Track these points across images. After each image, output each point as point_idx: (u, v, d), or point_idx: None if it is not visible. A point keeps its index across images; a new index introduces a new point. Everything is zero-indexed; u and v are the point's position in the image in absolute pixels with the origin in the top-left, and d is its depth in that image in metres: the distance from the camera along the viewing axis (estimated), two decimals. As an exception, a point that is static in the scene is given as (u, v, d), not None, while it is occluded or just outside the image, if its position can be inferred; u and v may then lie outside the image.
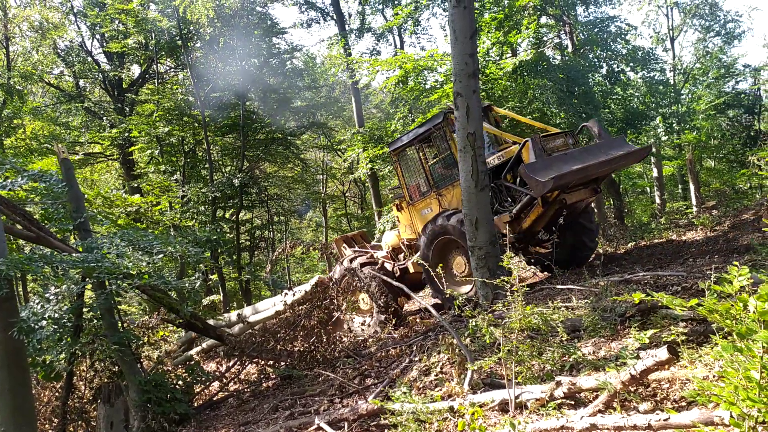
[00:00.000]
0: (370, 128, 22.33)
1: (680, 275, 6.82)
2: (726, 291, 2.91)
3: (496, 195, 9.92)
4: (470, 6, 8.42)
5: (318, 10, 25.40)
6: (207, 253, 14.77)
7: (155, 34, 20.55)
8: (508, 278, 4.78)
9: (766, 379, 2.35)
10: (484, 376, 5.39)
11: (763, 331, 2.19)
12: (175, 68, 24.61)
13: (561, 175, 8.42)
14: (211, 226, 18.11)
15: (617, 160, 9.44)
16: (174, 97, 20.56)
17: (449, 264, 10.31)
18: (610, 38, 18.73)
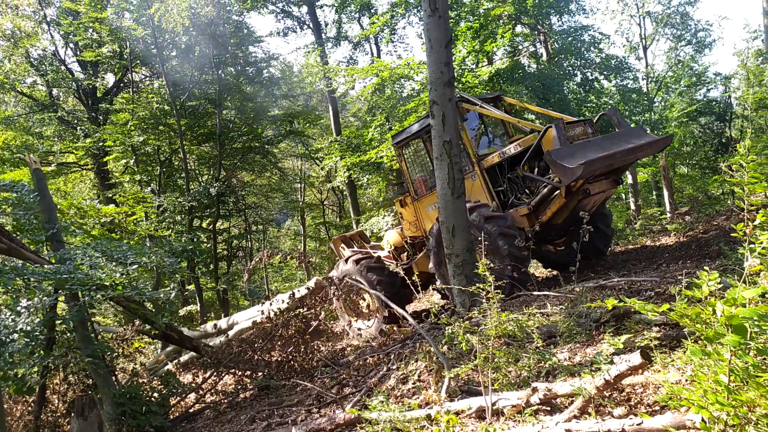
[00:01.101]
0: (348, 136, 22.37)
1: (654, 280, 6.90)
2: (696, 296, 2.95)
3: (511, 187, 9.68)
4: (445, 15, 8.47)
5: (294, 18, 25.42)
6: (184, 263, 14.63)
7: (130, 42, 20.39)
8: (484, 285, 4.79)
9: (735, 383, 2.38)
10: (462, 383, 5.39)
11: (731, 335, 2.22)
12: (150, 77, 24.44)
13: (591, 161, 8.08)
14: (187, 235, 17.95)
15: (641, 149, 9.10)
16: (149, 106, 20.40)
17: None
18: (584, 47, 19.02)
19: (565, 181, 8.24)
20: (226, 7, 21.44)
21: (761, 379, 2.24)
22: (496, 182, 9.93)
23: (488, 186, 9.84)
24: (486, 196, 9.81)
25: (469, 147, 9.97)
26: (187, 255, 13.64)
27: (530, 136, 9.34)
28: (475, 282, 5.28)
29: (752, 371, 2.26)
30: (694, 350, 2.43)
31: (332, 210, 36.63)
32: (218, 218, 21.42)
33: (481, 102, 10.30)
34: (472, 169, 9.98)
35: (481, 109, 10.14)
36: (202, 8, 19.17)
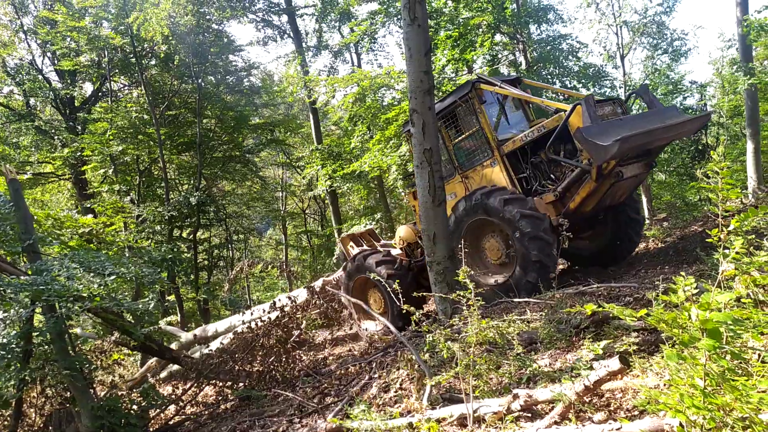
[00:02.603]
0: (329, 145, 22.37)
1: (632, 286, 6.95)
2: (673, 301, 2.98)
3: (535, 173, 9.11)
4: (424, 24, 8.52)
5: (275, 27, 25.40)
6: (164, 273, 14.49)
7: (108, 51, 20.22)
8: (464, 293, 4.80)
9: (711, 387, 2.41)
10: (443, 390, 5.39)
11: (706, 339, 2.24)
12: (129, 86, 24.24)
13: (627, 138, 7.37)
14: (167, 245, 17.79)
15: (678, 127, 8.38)
16: (128, 115, 20.25)
17: (481, 249, 9.30)
18: (563, 56, 19.23)
19: (599, 160, 7.60)
20: (206, 15, 21.36)
21: (736, 383, 2.27)
22: (517, 169, 9.36)
23: (509, 172, 9.27)
24: (507, 184, 9.22)
25: (488, 131, 9.43)
26: (166, 265, 13.53)
27: (556, 117, 8.70)
28: (456, 289, 5.27)
29: (727, 375, 2.29)
30: (670, 355, 2.46)
31: (314, 218, 36.56)
32: (199, 228, 21.29)
33: (501, 82, 9.73)
34: (491, 155, 9.44)
35: (501, 90, 9.52)
36: (181, 17, 19.10)
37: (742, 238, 3.27)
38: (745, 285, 3.22)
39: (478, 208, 8.81)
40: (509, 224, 8.39)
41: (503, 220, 8.44)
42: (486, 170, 9.40)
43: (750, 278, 3.19)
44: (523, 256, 8.22)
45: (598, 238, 10.25)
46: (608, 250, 9.91)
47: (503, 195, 8.50)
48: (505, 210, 8.37)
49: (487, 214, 8.73)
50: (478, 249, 9.25)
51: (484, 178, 9.46)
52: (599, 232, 10.19)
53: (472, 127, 9.66)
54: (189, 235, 21.64)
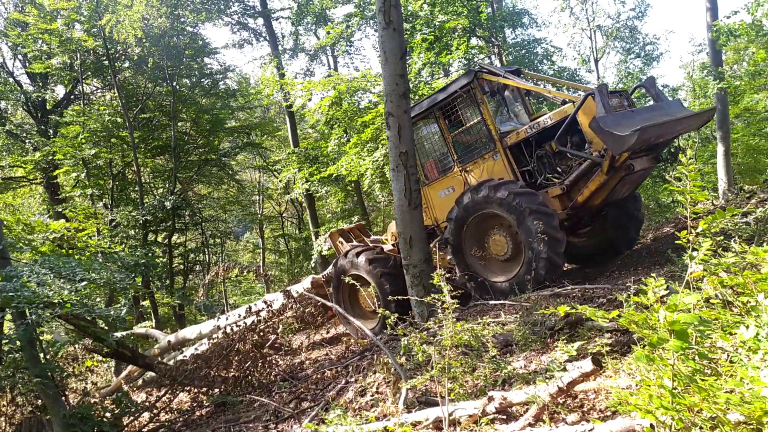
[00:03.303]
0: (306, 148, 22.30)
1: (606, 288, 7.02)
2: (644, 302, 3.01)
3: (540, 165, 8.81)
4: (399, 28, 8.54)
5: (250, 30, 25.26)
6: (138, 278, 14.31)
7: (81, 54, 19.96)
8: (439, 296, 4.81)
9: (679, 387, 2.44)
10: (419, 394, 5.38)
11: (673, 340, 2.27)
12: (102, 89, 23.94)
13: (646, 128, 7.18)
14: (141, 250, 17.58)
15: (687, 121, 8.25)
16: (101, 119, 20.00)
17: (486, 245, 8.96)
18: (537, 59, 19.41)
19: (617, 150, 7.35)
20: (180, 18, 21.20)
21: (704, 383, 2.30)
22: (520, 162, 9.08)
23: (512, 165, 8.99)
24: (510, 177, 8.93)
25: (490, 123, 9.13)
26: (140, 270, 13.37)
27: (564, 108, 8.43)
28: (432, 292, 5.26)
29: (695, 375, 2.32)
30: (639, 356, 2.48)
31: (291, 222, 36.41)
32: (174, 232, 21.09)
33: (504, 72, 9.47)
34: (493, 148, 9.12)
35: (505, 80, 9.24)
36: (155, 19, 18.92)
37: (710, 239, 3.32)
38: (713, 286, 3.26)
39: (486, 202, 8.45)
40: (518, 219, 8.09)
41: (512, 214, 8.14)
42: (488, 163, 9.10)
43: (718, 279, 3.23)
44: (531, 254, 7.96)
45: (596, 236, 10.09)
46: (606, 247, 9.73)
47: (513, 188, 8.21)
48: (498, 194, 8.15)
49: (494, 207, 8.40)
50: (482, 244, 8.95)
51: (485, 171, 9.14)
52: (597, 230, 10.03)
53: (473, 118, 9.34)
54: (164, 240, 21.42)
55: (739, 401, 2.23)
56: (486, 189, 8.44)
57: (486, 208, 8.48)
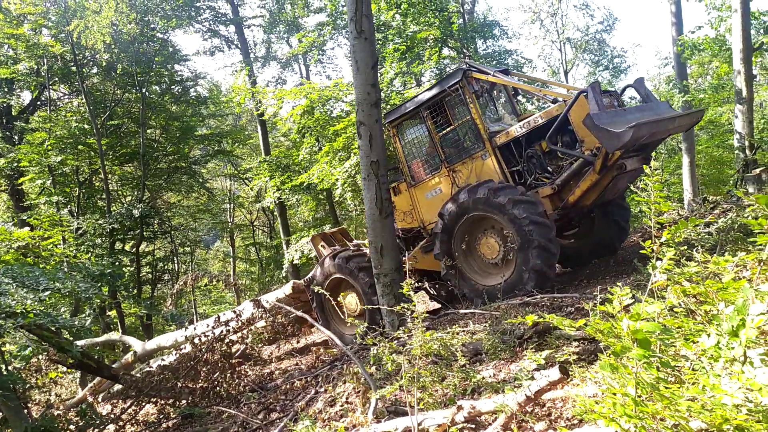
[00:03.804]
0: (277, 156, 22.21)
1: (574, 297, 7.10)
2: (609, 311, 3.05)
3: (530, 165, 8.69)
4: (371, 38, 8.56)
5: (222, 38, 25.11)
6: (104, 288, 14.04)
7: (48, 59, 19.62)
8: (409, 305, 4.80)
9: (643, 395, 2.46)
10: (389, 404, 5.36)
11: (637, 348, 2.29)
12: (70, 95, 23.55)
13: (641, 125, 7.08)
14: (108, 259, 17.27)
15: (678, 121, 8.16)
16: (68, 125, 19.65)
17: (476, 248, 8.84)
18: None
19: (612, 147, 7.23)
20: (150, 24, 20.98)
21: (666, 391, 2.33)
22: (509, 161, 8.96)
23: (501, 166, 8.86)
24: (499, 177, 8.78)
25: (479, 123, 8.99)
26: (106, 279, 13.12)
27: (555, 106, 8.35)
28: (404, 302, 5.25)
29: (657, 383, 2.35)
30: (603, 364, 2.51)
31: (262, 230, 36.15)
32: (142, 241, 20.78)
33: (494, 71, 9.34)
34: (482, 147, 8.99)
35: (495, 79, 9.14)
36: (124, 25, 18.70)
37: (674, 249, 3.38)
38: (676, 295, 3.32)
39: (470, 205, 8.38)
40: (502, 214, 8.04)
41: (497, 211, 8.09)
42: (476, 163, 8.96)
43: (681, 288, 3.29)
44: (522, 245, 7.88)
45: (581, 239, 10.06)
46: (590, 252, 9.70)
47: (492, 186, 8.17)
48: (498, 199, 8.05)
49: (478, 210, 8.34)
50: (472, 248, 8.85)
51: (473, 171, 9.01)
52: (582, 233, 10.00)
53: (461, 117, 9.22)
54: (132, 249, 21.10)
55: (700, 409, 2.26)
56: (483, 190, 8.26)
57: (482, 211, 8.32)
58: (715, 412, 2.23)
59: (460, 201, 8.51)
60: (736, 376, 2.38)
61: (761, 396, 2.25)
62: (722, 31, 18.47)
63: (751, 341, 2.47)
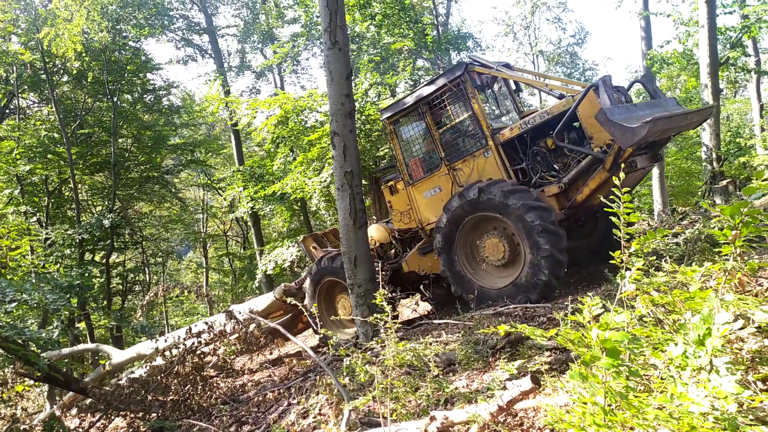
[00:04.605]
0: (251, 166, 22.10)
1: (546, 307, 7.15)
2: (580, 321, 3.08)
3: (535, 163, 8.37)
4: (345, 48, 8.58)
5: (195, 47, 24.98)
6: (73, 300, 13.79)
7: (17, 67, 19.31)
8: (382, 315, 4.80)
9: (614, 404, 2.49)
10: (362, 415, 5.34)
11: (606, 357, 2.32)
12: (39, 103, 23.21)
13: (657, 120, 6.77)
14: (77, 270, 16.98)
15: (688, 117, 7.89)
16: (37, 134, 19.36)
17: (479, 249, 8.52)
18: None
19: (626, 143, 6.90)
20: (122, 33, 20.78)
21: (633, 400, 2.35)
22: (513, 159, 8.61)
23: (505, 163, 8.48)
24: (502, 176, 8.42)
25: (481, 119, 8.63)
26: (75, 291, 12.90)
27: (562, 102, 8.02)
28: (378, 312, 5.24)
29: (626, 392, 2.37)
30: (573, 374, 2.53)
31: (236, 241, 35.87)
32: (112, 251, 20.48)
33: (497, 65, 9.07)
34: (485, 144, 8.62)
35: (498, 72, 8.87)
36: (96, 33, 18.51)
37: (642, 259, 3.43)
38: (644, 305, 3.36)
39: (479, 204, 8.03)
40: (513, 217, 7.70)
41: (508, 214, 7.75)
42: (478, 161, 8.62)
43: (649, 298, 3.34)
44: (531, 252, 7.58)
45: (585, 239, 9.81)
46: (595, 252, 9.44)
47: (505, 187, 7.83)
48: (510, 202, 7.68)
49: (487, 210, 8.00)
50: (475, 247, 8.50)
51: (475, 170, 8.67)
52: (587, 233, 9.75)
53: (463, 113, 8.90)
54: (102, 259, 20.78)
55: (668, 417, 2.29)
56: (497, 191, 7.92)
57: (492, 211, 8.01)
58: (683, 420, 2.26)
59: (470, 198, 8.14)
60: (703, 384, 2.41)
61: (727, 404, 2.29)
62: (690, 46, 18.93)
63: (717, 350, 2.51)
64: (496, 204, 7.83)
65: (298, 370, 9.11)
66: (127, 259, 25.89)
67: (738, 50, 18.16)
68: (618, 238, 3.35)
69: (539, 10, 35.80)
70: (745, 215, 2.90)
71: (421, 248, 9.50)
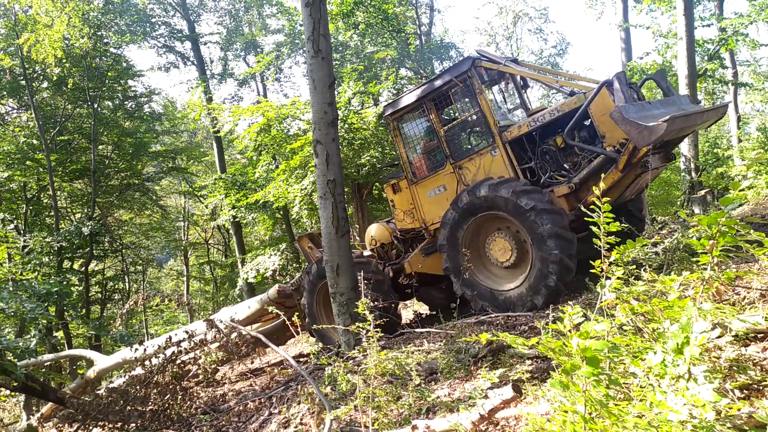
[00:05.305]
0: (233, 174, 22.01)
1: (528, 315, 7.18)
2: (561, 329, 3.10)
3: (544, 162, 8.10)
4: (328, 57, 8.58)
5: (177, 53, 24.88)
6: (51, 308, 13.60)
7: (-5, 72, 19.13)
8: (364, 324, 4.79)
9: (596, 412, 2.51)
10: (344, 424, 5.31)
11: (586, 366, 2.34)
12: (18, 109, 22.95)
13: (675, 118, 6.53)
14: (56, 278, 16.76)
15: (704, 116, 7.67)
16: (16, 140, 19.13)
17: (484, 249, 8.24)
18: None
19: (643, 142, 6.60)
20: (104, 39, 20.65)
21: (613, 408, 2.37)
22: (521, 158, 8.31)
23: (512, 162, 8.19)
24: (510, 175, 8.12)
25: (489, 116, 8.36)
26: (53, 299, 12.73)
27: (573, 99, 7.76)
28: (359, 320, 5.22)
29: (606, 401, 2.39)
30: (554, 382, 2.54)
31: (217, 249, 35.64)
32: (92, 259, 20.26)
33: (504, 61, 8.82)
34: (492, 142, 8.34)
35: (507, 68, 8.65)
36: (77, 39, 18.37)
37: (622, 268, 3.47)
38: (624, 313, 3.39)
39: (488, 202, 7.73)
40: (523, 219, 7.40)
41: (518, 214, 7.46)
42: (485, 159, 8.33)
43: (629, 307, 3.37)
44: (540, 256, 7.33)
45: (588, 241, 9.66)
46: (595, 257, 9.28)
47: (517, 187, 7.52)
48: (522, 203, 7.38)
49: (497, 208, 7.68)
50: (480, 250, 8.24)
51: (482, 168, 8.36)
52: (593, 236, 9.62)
53: (469, 110, 8.70)
54: (81, 267, 20.54)
55: (646, 425, 2.31)
56: (486, 188, 7.73)
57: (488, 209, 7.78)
58: (661, 428, 2.29)
59: (481, 195, 7.81)
60: (681, 392, 2.44)
61: (705, 412, 2.32)
62: (669, 58, 19.23)
63: (695, 358, 2.54)
64: (506, 203, 7.54)
65: (279, 379, 9.06)
66: (106, 267, 25.61)
67: (716, 62, 18.50)
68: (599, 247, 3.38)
69: (521, 21, 36.18)
70: (722, 225, 2.94)
71: (424, 248, 9.26)
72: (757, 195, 13.02)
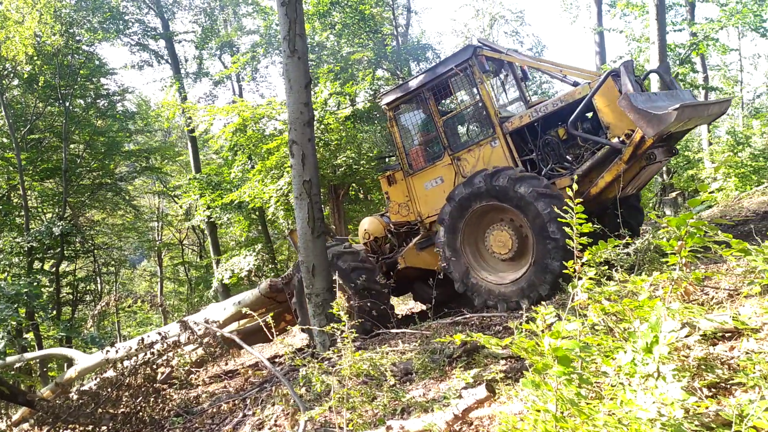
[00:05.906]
0: (208, 174, 21.82)
1: (502, 316, 7.22)
2: (534, 329, 3.13)
3: (546, 153, 7.91)
4: (304, 57, 8.55)
5: (151, 52, 24.59)
6: (21, 309, 13.35)
7: (-37, 69, 18.73)
8: (339, 325, 4.78)
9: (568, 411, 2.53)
10: (318, 426, 5.30)
11: (558, 366, 2.36)
12: (-13, 107, 22.53)
13: (685, 107, 6.40)
14: (26, 279, 16.46)
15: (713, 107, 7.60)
16: (-16, 139, 18.77)
17: (483, 242, 7.96)
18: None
19: (652, 131, 6.46)
20: (76, 36, 20.34)
21: (584, 407, 2.40)
22: (521, 150, 8.15)
23: (513, 153, 8.01)
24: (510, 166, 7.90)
25: (489, 106, 8.15)
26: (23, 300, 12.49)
27: (577, 89, 7.64)
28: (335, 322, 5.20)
29: (577, 400, 2.42)
30: (527, 382, 2.57)
31: (192, 249, 35.30)
32: (62, 260, 19.95)
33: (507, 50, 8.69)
34: (492, 133, 8.14)
35: (510, 57, 8.49)
36: (48, 37, 18.08)
37: (594, 269, 3.51)
38: (596, 313, 3.44)
39: (485, 192, 7.51)
40: (522, 207, 7.18)
41: (516, 202, 7.25)
42: (484, 151, 8.13)
43: (600, 307, 3.41)
44: (541, 243, 7.10)
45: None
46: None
47: (513, 174, 7.31)
48: (519, 190, 7.16)
49: (495, 198, 7.47)
50: (479, 243, 8.01)
51: (481, 159, 8.15)
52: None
53: (469, 100, 8.53)
54: (51, 268, 20.21)
55: (616, 423, 2.34)
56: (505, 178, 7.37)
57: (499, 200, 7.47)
58: (631, 426, 2.32)
59: (476, 185, 7.60)
60: (650, 391, 2.48)
61: (673, 410, 2.35)
62: (642, 61, 19.51)
63: (663, 357, 2.58)
64: (503, 192, 7.32)
65: (254, 380, 9.00)
66: (78, 268, 25.23)
67: (687, 66, 18.80)
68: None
69: (497, 23, 36.44)
70: (690, 226, 2.99)
71: (419, 242, 9.03)
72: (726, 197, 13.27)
